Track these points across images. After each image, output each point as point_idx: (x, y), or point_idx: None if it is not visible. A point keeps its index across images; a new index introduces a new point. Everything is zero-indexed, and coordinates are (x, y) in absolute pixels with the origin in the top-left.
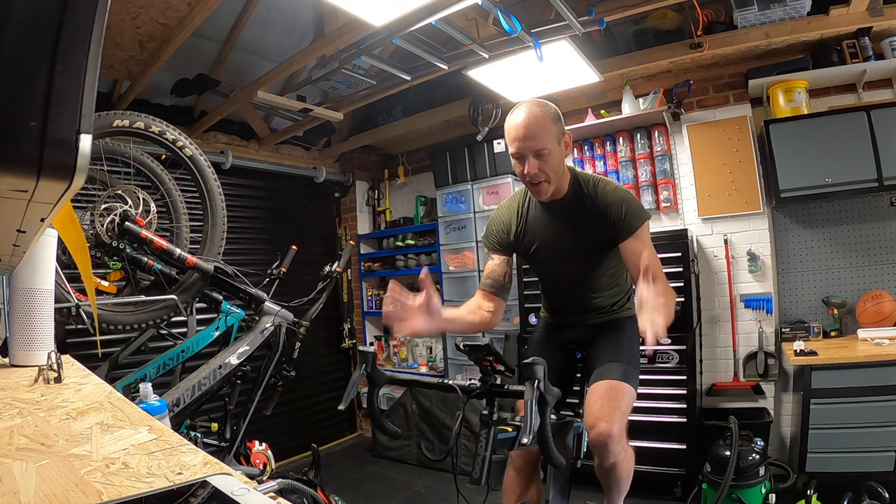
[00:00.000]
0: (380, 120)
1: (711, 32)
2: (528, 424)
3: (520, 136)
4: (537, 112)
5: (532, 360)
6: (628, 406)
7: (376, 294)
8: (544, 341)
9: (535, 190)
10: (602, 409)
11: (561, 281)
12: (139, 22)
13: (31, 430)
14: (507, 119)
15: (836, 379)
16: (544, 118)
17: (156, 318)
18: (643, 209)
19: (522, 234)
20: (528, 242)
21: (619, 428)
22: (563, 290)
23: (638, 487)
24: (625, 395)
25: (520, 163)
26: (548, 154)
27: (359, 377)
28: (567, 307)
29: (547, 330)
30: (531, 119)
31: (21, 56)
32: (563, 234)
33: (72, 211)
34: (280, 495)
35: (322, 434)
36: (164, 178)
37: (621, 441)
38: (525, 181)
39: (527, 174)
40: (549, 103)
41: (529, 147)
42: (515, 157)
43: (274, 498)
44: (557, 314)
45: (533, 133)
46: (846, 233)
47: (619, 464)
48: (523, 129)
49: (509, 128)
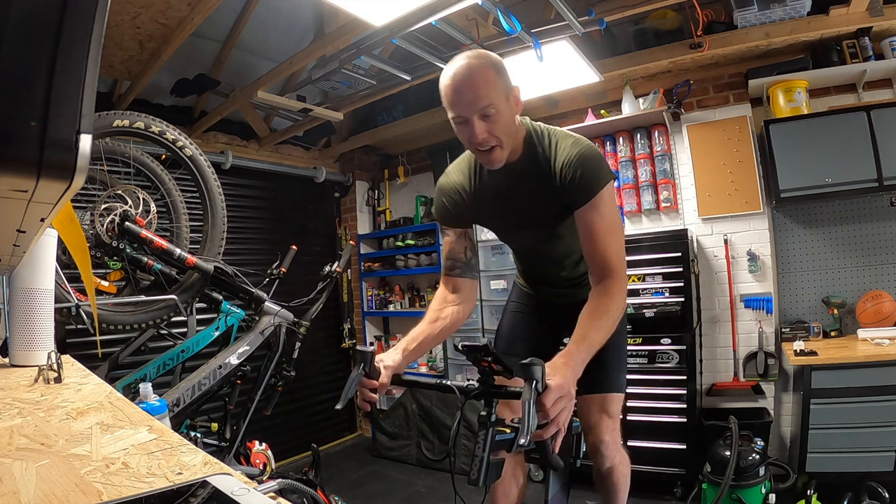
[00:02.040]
0: (380, 120)
1: (711, 32)
2: (526, 426)
3: (460, 96)
4: (476, 64)
5: (530, 361)
6: (618, 411)
7: (376, 294)
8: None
9: (487, 158)
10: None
11: (527, 252)
12: (139, 22)
13: (31, 430)
14: (442, 77)
15: (836, 379)
16: (486, 70)
17: (156, 318)
18: (604, 168)
19: (476, 202)
20: (484, 212)
21: (611, 435)
22: (532, 262)
23: (638, 487)
24: (614, 402)
25: (463, 128)
26: (496, 113)
27: (357, 377)
28: (540, 279)
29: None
30: (471, 73)
31: (21, 56)
32: (521, 200)
33: (72, 211)
34: (280, 495)
35: (322, 434)
36: (164, 178)
37: (615, 445)
38: (473, 149)
39: (474, 141)
40: (489, 53)
41: (472, 107)
42: (457, 121)
43: (274, 498)
44: (532, 285)
45: (475, 90)
46: (846, 233)
47: (615, 467)
48: (463, 85)
49: (445, 86)
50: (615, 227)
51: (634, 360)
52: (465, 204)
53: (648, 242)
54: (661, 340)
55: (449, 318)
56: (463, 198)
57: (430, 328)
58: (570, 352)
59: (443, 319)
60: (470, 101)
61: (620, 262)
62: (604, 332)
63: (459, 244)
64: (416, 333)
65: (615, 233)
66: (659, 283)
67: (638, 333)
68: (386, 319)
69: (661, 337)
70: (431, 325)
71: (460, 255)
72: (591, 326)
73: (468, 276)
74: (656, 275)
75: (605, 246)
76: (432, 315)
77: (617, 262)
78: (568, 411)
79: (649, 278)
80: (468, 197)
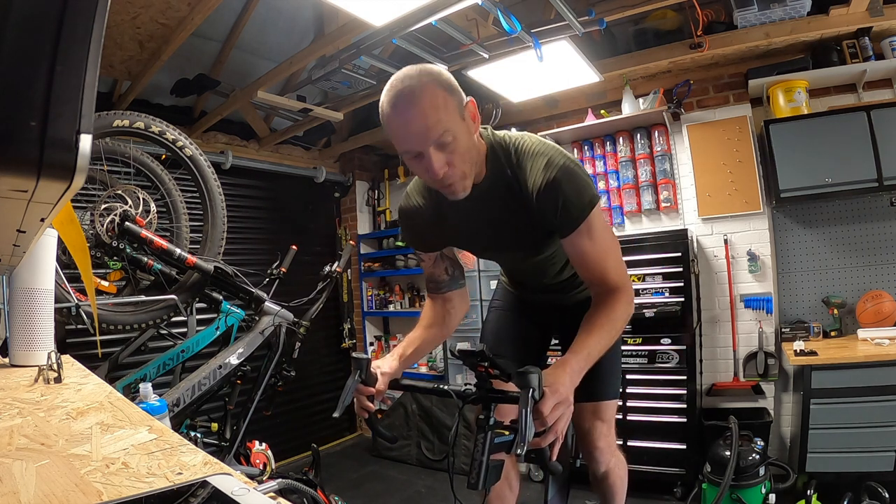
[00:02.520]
0: (380, 120)
1: (711, 32)
2: (523, 433)
3: (407, 127)
4: (420, 86)
5: (526, 369)
6: (612, 416)
7: (376, 294)
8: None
9: (451, 191)
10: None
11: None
12: (139, 22)
13: (31, 430)
14: (383, 104)
15: (836, 379)
16: (434, 91)
17: (156, 318)
18: (587, 189)
19: (443, 228)
20: (453, 237)
21: (606, 440)
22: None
23: (638, 487)
24: (607, 409)
25: (417, 162)
26: (453, 140)
27: (353, 384)
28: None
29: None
30: (416, 98)
31: (21, 56)
32: (493, 225)
33: (72, 211)
34: (280, 495)
35: (322, 434)
36: (164, 178)
37: (610, 449)
38: (435, 184)
39: (434, 177)
40: (433, 68)
41: (425, 138)
42: (408, 156)
43: (274, 498)
44: (517, 287)
45: (424, 118)
46: (846, 233)
47: (611, 471)
48: (411, 115)
49: (388, 116)
50: (609, 248)
51: (634, 360)
52: (431, 229)
53: (648, 242)
54: (661, 340)
55: (443, 324)
56: (428, 220)
57: (426, 334)
58: (569, 360)
59: (437, 326)
60: (420, 131)
61: (621, 277)
62: (604, 344)
63: (438, 267)
64: (412, 338)
65: (611, 252)
66: (659, 283)
67: (638, 333)
68: (386, 319)
69: (661, 337)
70: (427, 330)
71: (441, 276)
72: (592, 335)
73: (456, 288)
74: (656, 275)
75: (602, 269)
76: (427, 321)
77: (617, 279)
78: (566, 419)
79: (649, 278)
80: (433, 222)
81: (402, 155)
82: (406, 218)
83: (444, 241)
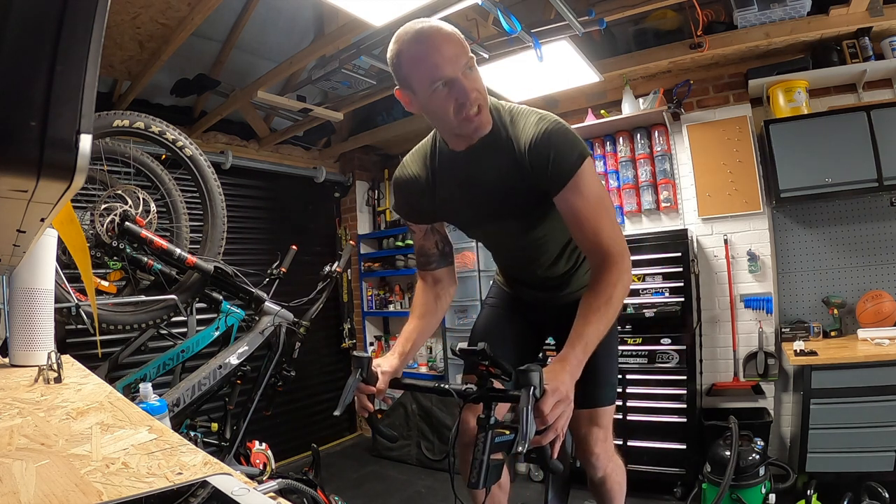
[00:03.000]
0: (380, 120)
1: (711, 32)
2: (524, 432)
3: (440, 52)
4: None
5: (527, 367)
6: (610, 421)
7: (376, 294)
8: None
9: (476, 123)
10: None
11: (504, 250)
12: (139, 22)
13: (31, 430)
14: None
15: (836, 379)
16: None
17: (156, 318)
18: (577, 144)
19: (438, 194)
20: (447, 205)
21: (603, 446)
22: (506, 259)
23: (638, 487)
24: (604, 415)
25: (449, 91)
26: (476, 71)
27: (354, 383)
28: (516, 278)
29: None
30: (439, 30)
31: (21, 56)
32: (487, 187)
33: (72, 211)
34: (280, 495)
35: (322, 434)
36: (164, 178)
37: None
38: (458, 118)
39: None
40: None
41: (456, 62)
42: (439, 86)
43: (274, 498)
44: (512, 284)
45: (453, 44)
46: (846, 233)
47: (608, 476)
48: (441, 40)
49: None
50: (603, 205)
51: (634, 360)
52: (425, 197)
53: (648, 242)
54: (661, 340)
55: (436, 308)
56: (423, 190)
57: (421, 323)
58: (567, 356)
59: (430, 314)
60: (451, 56)
61: (616, 241)
62: (603, 327)
63: (429, 240)
64: (408, 333)
65: (604, 211)
66: (659, 283)
67: (638, 333)
68: (386, 319)
69: (661, 337)
70: (421, 319)
71: (431, 249)
72: (589, 323)
73: (445, 265)
74: (656, 275)
75: (595, 228)
76: (420, 309)
77: (611, 243)
78: (566, 416)
79: (649, 278)
80: (428, 189)
81: (431, 87)
82: (401, 188)
83: (437, 212)
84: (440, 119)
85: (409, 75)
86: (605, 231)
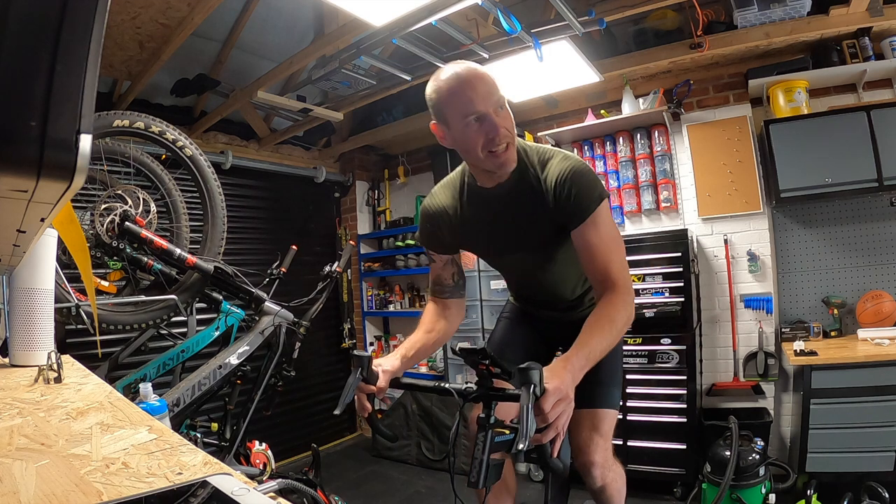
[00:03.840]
0: (380, 120)
1: (711, 32)
2: (525, 430)
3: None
4: (474, 66)
5: (528, 366)
6: (610, 428)
7: (376, 294)
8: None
9: (503, 160)
10: (585, 438)
11: (519, 279)
12: (139, 22)
13: (31, 430)
14: (445, 80)
15: (836, 379)
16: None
17: (156, 318)
18: (598, 184)
19: (464, 226)
20: (473, 236)
21: (603, 455)
22: (525, 287)
23: (638, 487)
24: (605, 420)
25: (480, 126)
26: (507, 111)
27: (354, 382)
28: (533, 300)
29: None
30: (476, 71)
31: (21, 56)
32: (512, 222)
33: (72, 211)
34: (280, 495)
35: (322, 434)
36: (164, 178)
37: (606, 464)
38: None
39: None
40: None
41: (489, 99)
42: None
43: (274, 498)
44: (525, 304)
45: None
46: (846, 233)
47: (607, 485)
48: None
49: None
50: (615, 242)
51: (634, 360)
52: (451, 228)
53: (648, 242)
54: (661, 340)
55: (443, 330)
56: (450, 221)
57: (427, 338)
58: (570, 357)
59: (437, 332)
60: (485, 94)
61: (623, 275)
62: (606, 344)
63: (447, 271)
64: (413, 341)
65: (615, 247)
66: (659, 283)
67: (638, 333)
68: (386, 319)
69: (661, 337)
70: (427, 335)
71: (447, 280)
72: (594, 335)
73: (455, 297)
74: (656, 275)
75: (605, 262)
76: (427, 325)
77: (620, 276)
78: (567, 415)
79: (649, 278)
80: (455, 220)
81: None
82: (429, 217)
83: (461, 243)
84: (470, 153)
85: (444, 110)
86: (615, 265)
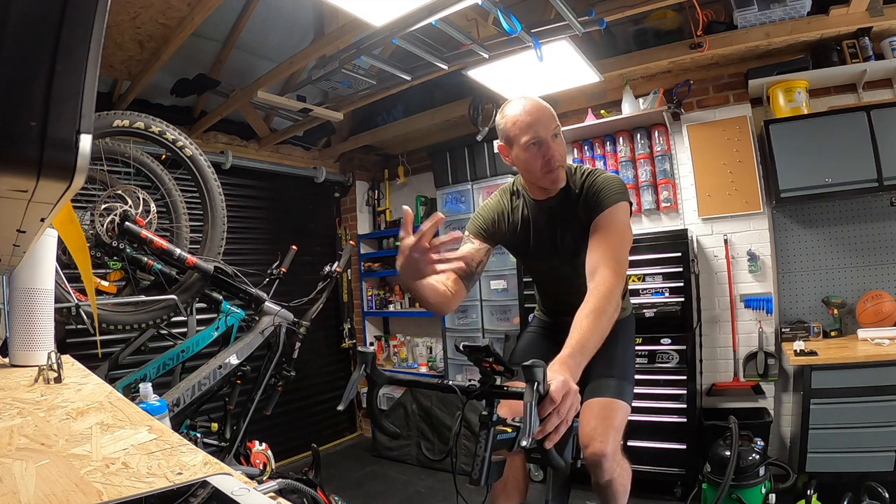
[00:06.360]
0: (380, 120)
1: (711, 32)
2: (528, 427)
3: (537, 118)
4: (536, 97)
5: (532, 363)
6: (622, 423)
7: (376, 294)
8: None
9: (554, 177)
10: (595, 428)
11: (554, 282)
12: (139, 22)
13: (31, 430)
14: (512, 109)
15: (836, 379)
16: (544, 102)
17: (156, 318)
18: (621, 188)
19: (512, 231)
20: (519, 242)
21: (612, 447)
22: (558, 292)
23: (638, 487)
24: (618, 412)
25: (538, 149)
26: (561, 139)
27: (358, 378)
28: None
29: (541, 327)
30: (540, 103)
31: (21, 56)
32: (554, 233)
33: (72, 211)
34: (280, 495)
35: (322, 434)
36: (164, 178)
37: (616, 458)
38: (542, 171)
39: (552, 158)
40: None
41: (548, 127)
42: (535, 143)
43: (274, 498)
44: (552, 314)
45: (548, 114)
46: (846, 233)
47: (614, 480)
48: (538, 110)
49: (520, 115)
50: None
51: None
52: (503, 224)
53: (648, 242)
54: (661, 340)
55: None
56: (504, 218)
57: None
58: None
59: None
60: (547, 122)
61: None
62: (599, 335)
63: (477, 253)
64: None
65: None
66: (659, 283)
67: (638, 333)
68: (386, 319)
69: (661, 337)
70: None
71: (472, 261)
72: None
73: (465, 284)
74: (656, 275)
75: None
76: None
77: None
78: (574, 408)
79: (649, 278)
80: (507, 220)
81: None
82: (490, 207)
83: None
84: (528, 171)
85: (511, 133)
86: (612, 257)
